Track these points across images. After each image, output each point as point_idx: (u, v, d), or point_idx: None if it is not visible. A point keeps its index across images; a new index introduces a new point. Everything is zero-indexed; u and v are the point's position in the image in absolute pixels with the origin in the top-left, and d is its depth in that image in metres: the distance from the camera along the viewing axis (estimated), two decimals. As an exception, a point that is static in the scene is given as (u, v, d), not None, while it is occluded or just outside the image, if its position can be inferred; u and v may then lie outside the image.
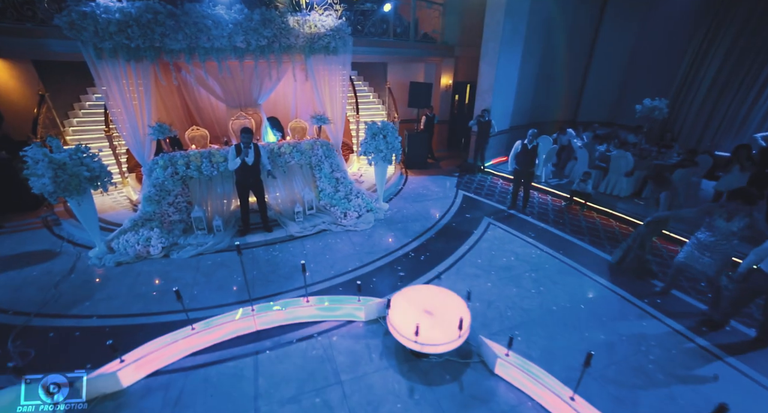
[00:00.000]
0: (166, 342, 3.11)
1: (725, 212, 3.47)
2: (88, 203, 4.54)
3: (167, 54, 5.29)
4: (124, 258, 4.65)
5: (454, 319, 3.09)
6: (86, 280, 4.32)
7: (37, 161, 3.98)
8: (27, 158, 4.00)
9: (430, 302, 3.39)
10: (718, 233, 3.50)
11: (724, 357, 3.32)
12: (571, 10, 8.34)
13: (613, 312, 3.92)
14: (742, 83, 7.41)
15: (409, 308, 3.29)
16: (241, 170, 4.90)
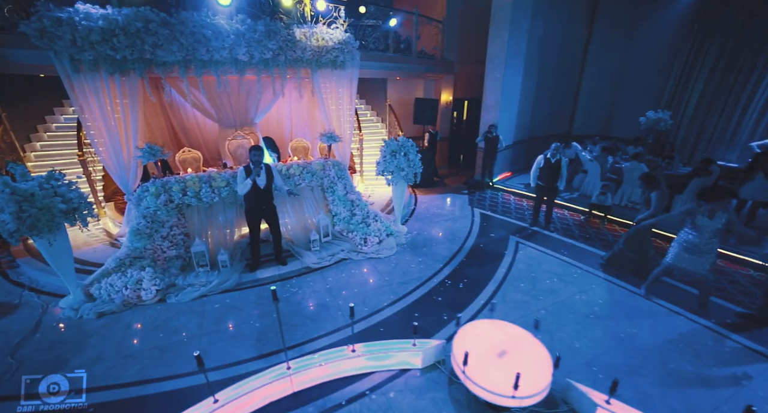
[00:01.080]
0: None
1: (706, 210, 3.57)
2: (62, 241, 3.71)
3: (159, 67, 4.69)
4: (108, 307, 3.80)
5: (531, 359, 2.62)
6: (58, 339, 3.43)
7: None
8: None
9: (498, 341, 2.87)
10: (705, 231, 3.58)
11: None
12: (562, 29, 8.56)
13: (689, 337, 3.56)
14: (729, 96, 7.75)
15: (476, 350, 2.75)
16: (251, 194, 4.24)
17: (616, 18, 8.94)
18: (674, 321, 3.79)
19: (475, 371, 2.62)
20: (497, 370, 2.59)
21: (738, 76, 7.57)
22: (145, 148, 4.54)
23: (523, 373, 2.45)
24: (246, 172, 4.19)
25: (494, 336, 2.97)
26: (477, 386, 2.54)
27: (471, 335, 2.99)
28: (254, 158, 4.16)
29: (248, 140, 6.47)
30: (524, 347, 2.86)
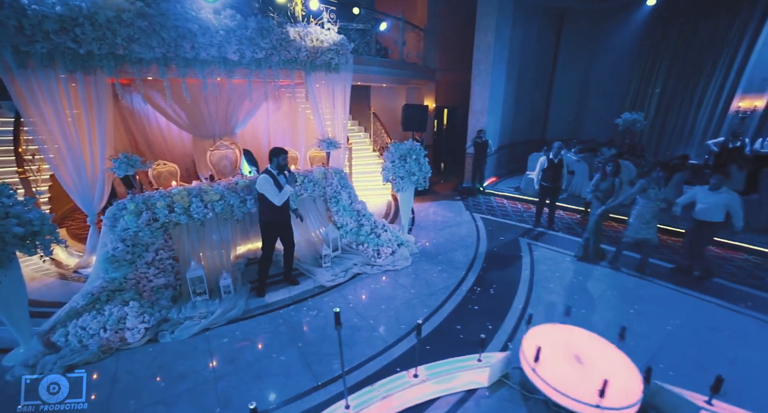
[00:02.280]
0: None
1: (655, 183, 4.19)
2: (13, 278, 2.88)
3: (133, 65, 4.03)
4: (81, 357, 2.97)
5: (610, 364, 2.41)
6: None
7: None
8: None
9: (567, 346, 2.61)
10: (654, 200, 4.19)
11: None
12: (534, 39, 9.02)
13: (725, 323, 3.57)
14: (683, 100, 8.57)
15: (550, 358, 2.47)
16: (274, 206, 3.66)
17: (579, 31, 9.64)
18: (707, 309, 3.81)
19: (559, 380, 2.33)
20: (577, 378, 2.33)
21: (689, 81, 8.41)
22: (121, 158, 3.80)
23: (611, 382, 2.21)
24: (273, 179, 3.62)
25: (561, 340, 2.71)
26: (575, 400, 2.23)
27: (539, 340, 2.70)
28: (283, 162, 3.66)
29: (233, 151, 5.83)
30: (597, 351, 2.63)
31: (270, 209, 3.67)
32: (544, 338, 2.73)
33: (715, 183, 4.08)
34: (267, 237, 3.81)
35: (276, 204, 3.57)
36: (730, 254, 5.22)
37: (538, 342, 2.66)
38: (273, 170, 3.62)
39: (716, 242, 5.33)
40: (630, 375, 2.41)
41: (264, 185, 3.55)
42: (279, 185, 3.58)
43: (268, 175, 3.57)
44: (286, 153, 3.62)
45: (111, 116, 4.27)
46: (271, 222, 3.76)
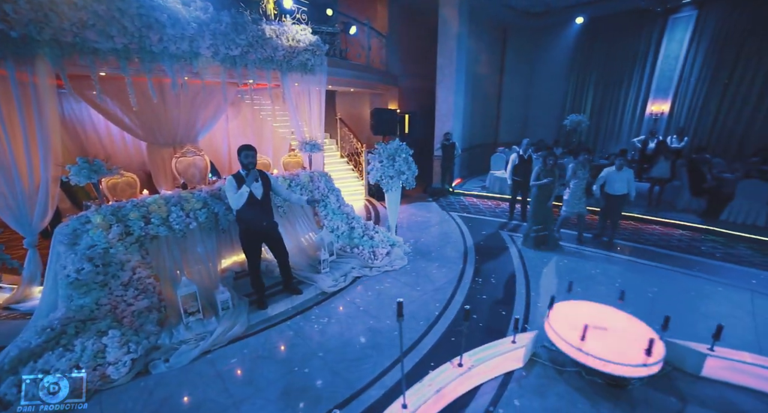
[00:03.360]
0: None
1: (581, 165, 5.10)
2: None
3: (86, 55, 3.47)
4: (48, 408, 2.39)
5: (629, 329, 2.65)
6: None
7: None
8: None
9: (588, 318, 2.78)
10: (582, 180, 5.10)
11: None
12: (486, 49, 9.75)
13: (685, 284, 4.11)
14: (611, 106, 9.91)
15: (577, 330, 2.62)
16: (246, 210, 3.28)
17: (521, 44, 10.67)
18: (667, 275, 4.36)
19: (596, 348, 2.46)
20: (613, 343, 2.50)
21: (614, 88, 9.76)
22: (79, 163, 3.21)
23: (636, 342, 2.42)
24: (237, 180, 3.27)
25: (581, 314, 2.87)
26: (611, 363, 2.37)
27: (564, 317, 2.84)
28: (246, 160, 3.21)
29: (202, 158, 5.30)
30: (616, 320, 2.84)
31: (242, 216, 3.30)
32: (565, 315, 2.87)
33: (619, 164, 5.04)
34: (246, 246, 3.43)
35: (232, 207, 3.23)
36: (669, 231, 6.04)
37: (564, 320, 2.79)
38: (242, 172, 3.27)
39: (656, 221, 6.16)
40: (649, 333, 2.62)
41: (225, 187, 3.22)
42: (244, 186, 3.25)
43: (233, 177, 3.23)
44: (251, 149, 3.22)
45: (55, 114, 3.61)
46: (245, 230, 3.37)
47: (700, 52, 8.33)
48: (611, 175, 5.09)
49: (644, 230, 5.98)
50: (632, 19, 8.91)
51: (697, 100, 8.48)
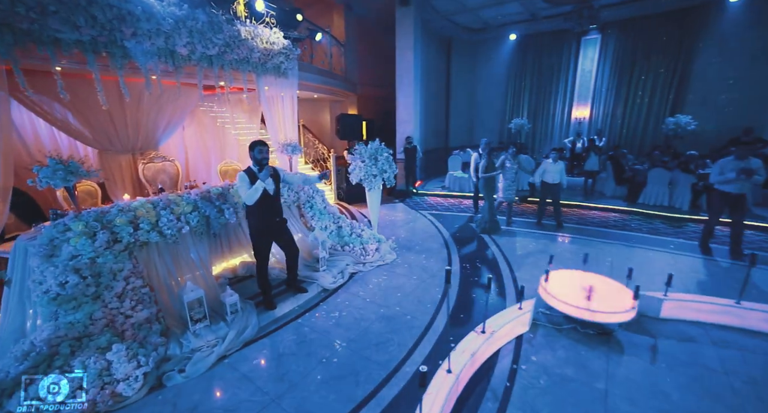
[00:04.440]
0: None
1: (510, 157, 5.95)
2: None
3: (45, 46, 3.12)
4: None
5: (610, 286, 3.22)
6: None
7: None
8: None
9: (575, 282, 3.29)
10: (511, 171, 5.99)
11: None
12: (434, 59, 10.52)
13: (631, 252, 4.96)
14: (543, 111, 11.33)
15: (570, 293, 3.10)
16: (259, 206, 3.24)
17: (463, 56, 11.72)
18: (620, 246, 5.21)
19: (590, 304, 2.93)
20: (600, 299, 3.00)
21: (545, 96, 11.20)
22: (51, 164, 2.84)
23: (617, 295, 2.96)
24: (249, 176, 3.20)
25: (568, 280, 3.36)
26: (605, 313, 2.84)
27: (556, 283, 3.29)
28: (260, 156, 3.20)
29: (172, 163, 4.93)
30: (597, 281, 3.36)
31: (254, 211, 3.26)
32: (555, 282, 3.33)
33: (555, 157, 5.97)
34: (256, 243, 3.38)
35: (247, 203, 3.21)
36: (605, 214, 7.13)
37: (557, 286, 3.24)
38: (254, 167, 3.26)
39: (594, 207, 7.25)
40: (623, 288, 3.18)
41: (237, 183, 3.18)
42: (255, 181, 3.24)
43: (245, 173, 3.20)
44: (265, 145, 3.24)
45: (7, 110, 3.16)
46: (257, 227, 3.33)
47: (606, 67, 10.05)
48: (548, 166, 5.97)
49: (587, 215, 6.99)
50: (555, 38, 10.41)
51: (609, 107, 10.18)
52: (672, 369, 2.63)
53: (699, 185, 6.55)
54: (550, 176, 5.97)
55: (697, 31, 8.74)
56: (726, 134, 8.37)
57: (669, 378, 2.53)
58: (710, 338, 3.01)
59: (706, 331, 3.10)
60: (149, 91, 3.94)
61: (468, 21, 10.55)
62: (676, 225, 6.18)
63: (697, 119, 8.36)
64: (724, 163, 4.54)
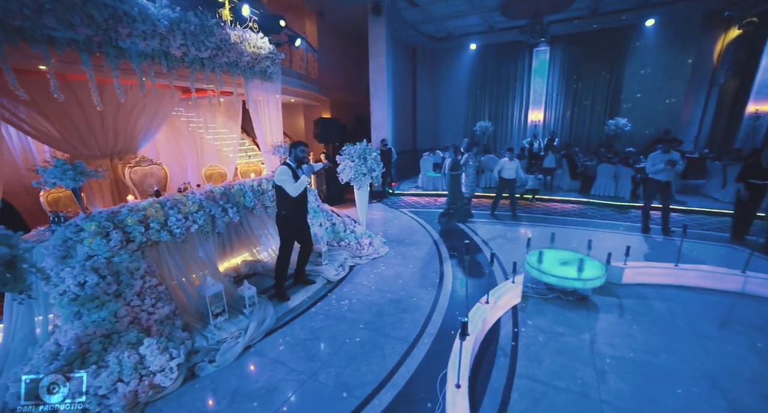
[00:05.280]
0: None
1: (473, 157, 6.85)
2: None
3: (38, 44, 3.05)
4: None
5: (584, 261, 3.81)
6: None
7: None
8: None
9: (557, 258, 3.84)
10: (473, 169, 6.98)
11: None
12: (401, 67, 11.02)
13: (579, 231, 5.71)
14: (503, 114, 12.32)
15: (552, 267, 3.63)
16: (296, 200, 3.49)
17: (428, 63, 12.41)
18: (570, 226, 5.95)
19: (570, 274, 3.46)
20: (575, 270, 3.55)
21: (503, 101, 12.19)
22: (57, 164, 2.79)
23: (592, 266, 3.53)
24: (291, 170, 3.47)
25: (550, 258, 3.90)
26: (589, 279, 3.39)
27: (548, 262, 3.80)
28: (301, 155, 3.54)
29: (159, 167, 4.81)
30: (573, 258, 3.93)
31: (288, 204, 3.49)
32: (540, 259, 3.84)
33: (510, 156, 6.73)
34: (286, 236, 3.58)
35: (291, 195, 3.44)
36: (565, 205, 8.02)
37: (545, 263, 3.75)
38: (292, 163, 3.49)
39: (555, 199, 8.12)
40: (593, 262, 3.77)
41: (281, 176, 3.39)
42: (297, 177, 3.49)
43: (287, 166, 3.44)
44: (305, 145, 3.55)
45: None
46: (289, 218, 3.55)
47: (555, 75, 11.24)
48: (505, 164, 6.69)
49: (550, 206, 7.81)
50: (511, 48, 11.43)
51: (559, 111, 11.38)
52: (635, 320, 3.21)
53: (637, 176, 7.64)
54: (507, 172, 6.70)
55: (624, 48, 10.17)
56: (652, 135, 9.82)
57: (634, 326, 3.11)
58: (658, 295, 3.68)
59: (655, 290, 3.78)
60: (143, 93, 3.90)
61: (432, 30, 11.23)
62: (623, 212, 7.16)
63: (631, 122, 9.69)
64: (654, 156, 5.46)
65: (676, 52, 9.52)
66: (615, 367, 2.60)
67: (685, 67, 9.52)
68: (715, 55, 9.21)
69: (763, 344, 2.83)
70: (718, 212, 6.62)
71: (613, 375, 2.51)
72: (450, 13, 9.50)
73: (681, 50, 9.46)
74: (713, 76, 9.28)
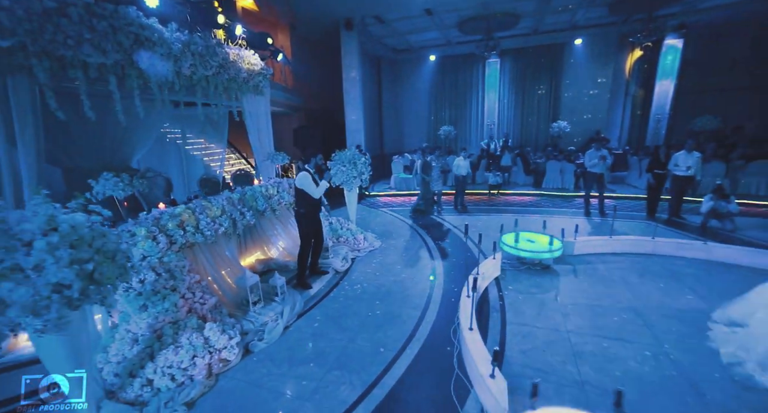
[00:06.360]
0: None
1: (437, 157, 7.62)
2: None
3: (75, 69, 3.35)
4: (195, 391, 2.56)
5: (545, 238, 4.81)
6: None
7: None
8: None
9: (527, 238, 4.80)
10: (438, 170, 7.58)
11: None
12: (368, 77, 11.75)
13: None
14: (462, 119, 13.54)
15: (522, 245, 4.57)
16: (314, 201, 4.08)
17: (391, 73, 13.28)
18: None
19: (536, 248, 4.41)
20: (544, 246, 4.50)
21: (462, 107, 13.42)
22: (106, 177, 3.11)
23: (551, 242, 4.52)
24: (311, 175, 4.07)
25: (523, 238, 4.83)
26: (549, 251, 4.34)
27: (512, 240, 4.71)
28: (321, 162, 4.13)
29: (163, 178, 5.03)
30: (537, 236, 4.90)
31: (307, 204, 4.05)
32: (514, 239, 4.75)
33: (464, 156, 7.84)
34: (306, 231, 4.13)
35: (315, 197, 4.01)
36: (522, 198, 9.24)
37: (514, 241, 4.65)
38: (310, 169, 4.04)
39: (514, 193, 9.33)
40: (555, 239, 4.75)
41: (303, 181, 3.94)
42: (316, 181, 4.05)
43: (307, 172, 3.99)
44: (322, 155, 4.13)
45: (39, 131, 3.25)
46: (310, 216, 4.12)
47: (505, 83, 12.70)
48: (459, 162, 7.75)
49: (511, 199, 8.97)
50: (466, 59, 12.69)
51: (510, 115, 12.86)
52: (585, 279, 4.22)
53: (578, 171, 9.08)
54: (460, 169, 7.70)
55: (560, 62, 11.89)
56: (587, 135, 11.55)
57: (585, 284, 4.10)
58: (599, 260, 4.77)
59: (597, 257, 4.87)
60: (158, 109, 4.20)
61: (395, 43, 12.12)
62: (569, 200, 8.52)
63: (570, 124, 11.33)
64: (590, 153, 6.75)
65: (600, 67, 11.35)
66: (573, 310, 3.52)
67: (607, 79, 11.38)
68: (627, 71, 11.17)
69: (664, 284, 3.96)
70: (637, 197, 8.18)
71: (573, 315, 3.43)
72: (412, 29, 10.42)
73: (603, 65, 11.31)
74: (627, 87, 11.26)
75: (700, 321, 3.15)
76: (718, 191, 5.59)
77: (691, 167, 6.03)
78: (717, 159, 7.91)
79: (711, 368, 2.59)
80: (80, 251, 1.88)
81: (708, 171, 7.34)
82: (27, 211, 1.81)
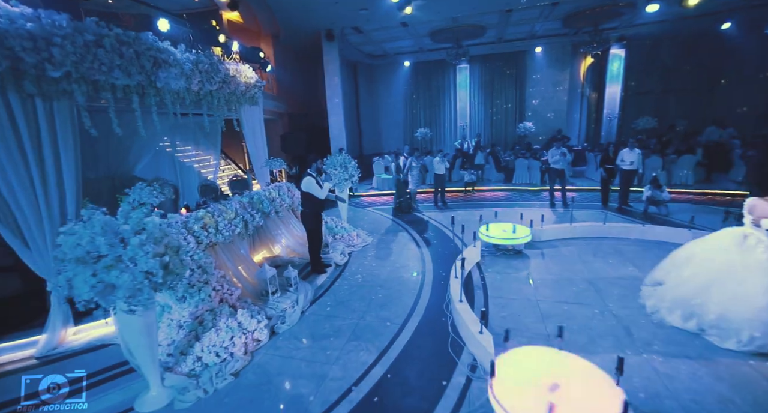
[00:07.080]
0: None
1: (416, 159, 8.44)
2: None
3: (104, 91, 3.72)
4: (238, 364, 3.06)
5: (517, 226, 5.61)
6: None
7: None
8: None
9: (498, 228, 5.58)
10: (416, 169, 8.46)
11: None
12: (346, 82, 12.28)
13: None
14: (437, 121, 14.37)
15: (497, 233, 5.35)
16: (320, 201, 4.65)
17: (367, 78, 13.88)
18: (508, 212, 7.94)
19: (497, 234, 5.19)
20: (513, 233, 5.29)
21: (436, 109, 14.24)
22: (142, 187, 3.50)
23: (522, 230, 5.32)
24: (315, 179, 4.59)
25: (497, 228, 5.60)
26: (520, 238, 5.12)
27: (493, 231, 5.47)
28: (322, 166, 4.61)
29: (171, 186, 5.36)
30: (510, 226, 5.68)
31: (312, 204, 4.60)
32: (490, 230, 5.51)
33: (441, 156, 8.59)
34: (317, 226, 4.66)
35: (320, 198, 4.57)
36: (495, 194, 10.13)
37: (491, 231, 5.41)
38: (313, 173, 4.57)
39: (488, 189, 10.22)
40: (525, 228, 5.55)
41: (309, 185, 4.48)
42: (319, 184, 4.59)
43: (311, 177, 4.51)
44: (322, 159, 4.66)
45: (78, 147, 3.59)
46: (316, 213, 4.68)
47: (475, 88, 13.66)
48: (435, 162, 8.52)
49: (485, 195, 9.84)
50: (438, 65, 13.53)
51: (481, 117, 13.84)
52: (551, 260, 5.04)
53: (542, 167, 10.09)
54: (437, 168, 8.48)
55: (523, 67, 13.01)
56: (549, 134, 12.70)
57: (551, 264, 4.91)
58: (563, 243, 5.63)
59: (561, 241, 5.74)
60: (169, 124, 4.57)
61: (372, 50, 12.73)
62: (536, 194, 9.50)
63: (534, 124, 12.43)
64: (552, 151, 7.70)
65: (558, 72, 12.55)
66: (542, 284, 4.30)
67: (565, 83, 12.60)
68: (581, 76, 12.45)
69: (612, 260, 4.86)
70: (594, 189, 9.27)
71: (542, 288, 4.20)
72: (388, 37, 11.08)
73: (560, 70, 12.51)
74: (582, 90, 12.53)
75: (635, 286, 4.01)
76: (653, 182, 6.66)
77: (633, 162, 7.09)
78: (655, 154, 9.16)
79: (639, 317, 3.42)
80: (158, 246, 2.37)
81: (649, 165, 8.52)
82: (119, 217, 2.28)
